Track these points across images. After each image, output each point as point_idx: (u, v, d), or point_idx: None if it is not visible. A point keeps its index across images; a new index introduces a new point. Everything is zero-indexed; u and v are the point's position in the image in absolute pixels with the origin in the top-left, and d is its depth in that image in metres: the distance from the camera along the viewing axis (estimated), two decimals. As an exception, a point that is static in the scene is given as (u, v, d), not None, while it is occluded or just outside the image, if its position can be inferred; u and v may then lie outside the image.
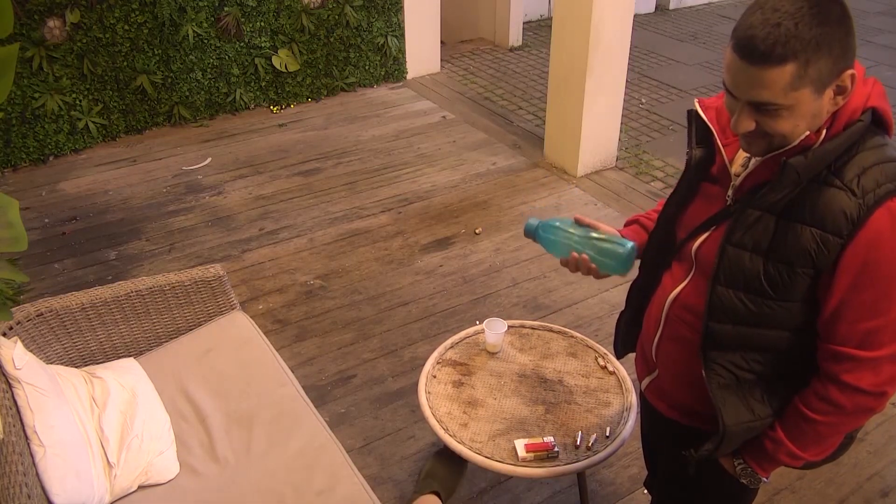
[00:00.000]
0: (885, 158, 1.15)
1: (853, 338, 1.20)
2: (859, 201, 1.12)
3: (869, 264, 1.14)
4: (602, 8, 3.78)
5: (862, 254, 1.13)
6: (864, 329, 1.18)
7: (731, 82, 1.14)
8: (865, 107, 1.16)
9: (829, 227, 1.14)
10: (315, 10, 4.90)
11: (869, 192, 1.12)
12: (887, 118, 1.18)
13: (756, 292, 1.24)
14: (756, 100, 1.12)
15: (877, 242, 1.13)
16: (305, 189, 4.10)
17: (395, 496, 2.32)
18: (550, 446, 1.82)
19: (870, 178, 1.13)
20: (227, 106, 4.91)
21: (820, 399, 1.25)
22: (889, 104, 1.19)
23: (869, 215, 1.12)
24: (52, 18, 4.06)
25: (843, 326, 1.20)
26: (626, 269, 1.45)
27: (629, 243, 1.45)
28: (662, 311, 1.42)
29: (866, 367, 1.20)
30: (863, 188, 1.13)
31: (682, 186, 1.39)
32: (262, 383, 2.12)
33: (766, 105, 1.11)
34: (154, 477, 1.84)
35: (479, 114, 5.09)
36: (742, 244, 1.23)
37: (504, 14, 6.32)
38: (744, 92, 1.13)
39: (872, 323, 1.18)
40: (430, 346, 2.86)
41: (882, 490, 2.38)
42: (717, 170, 1.33)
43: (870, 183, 1.13)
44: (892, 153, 1.17)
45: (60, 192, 4.04)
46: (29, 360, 1.74)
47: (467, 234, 3.70)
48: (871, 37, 6.91)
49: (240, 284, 3.30)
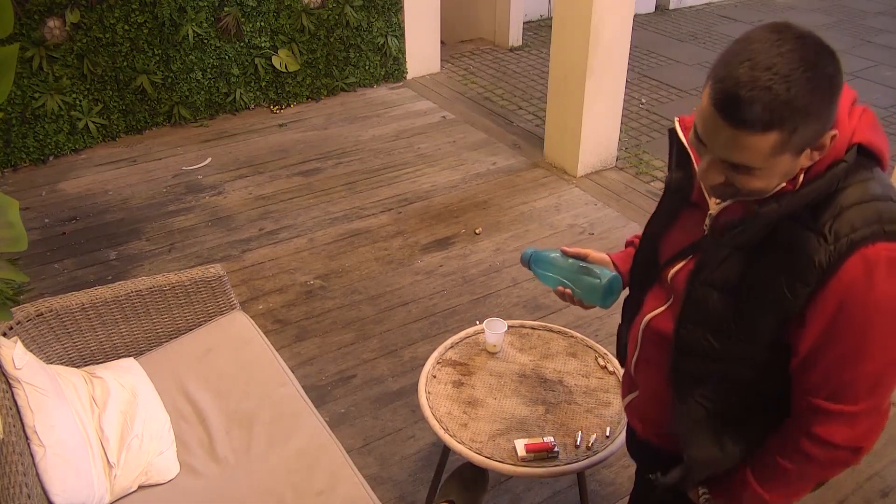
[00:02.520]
0: (867, 197, 1.05)
1: (825, 389, 1.11)
2: (830, 248, 1.03)
3: (841, 315, 1.05)
4: (602, 8, 3.78)
5: (833, 304, 1.04)
6: (836, 381, 1.10)
7: (704, 133, 1.04)
8: (850, 143, 1.06)
9: (798, 273, 1.05)
10: (315, 10, 4.90)
11: (842, 238, 1.03)
12: (877, 152, 1.08)
13: (723, 332, 1.16)
14: (730, 160, 1.03)
15: (849, 293, 1.03)
16: (305, 189, 4.10)
17: (395, 496, 2.32)
18: (550, 446, 1.82)
19: (845, 221, 1.03)
20: (227, 106, 4.92)
21: (792, 447, 1.17)
22: (881, 134, 1.10)
23: (840, 263, 1.03)
24: (52, 18, 4.06)
25: (815, 376, 1.11)
26: (607, 302, 1.42)
27: (607, 276, 1.40)
28: (639, 332, 1.36)
29: (839, 420, 1.11)
30: (835, 233, 1.03)
31: (663, 207, 1.32)
32: (262, 383, 2.12)
33: (741, 166, 1.02)
34: (154, 477, 1.84)
35: (479, 114, 5.09)
36: (710, 282, 1.16)
37: (504, 14, 6.32)
38: (717, 150, 1.03)
39: (846, 376, 1.09)
40: (430, 346, 2.86)
41: (882, 490, 2.37)
42: (696, 195, 1.25)
43: (844, 227, 1.03)
44: (877, 190, 1.06)
45: (60, 192, 4.04)
46: (29, 360, 1.75)
47: (467, 234, 3.70)
48: (871, 37, 6.91)
49: (240, 284, 3.30)
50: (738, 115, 0.96)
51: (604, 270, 1.43)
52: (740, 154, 1.00)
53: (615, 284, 1.42)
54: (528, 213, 3.89)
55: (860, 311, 1.04)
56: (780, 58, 0.94)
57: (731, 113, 0.97)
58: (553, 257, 1.53)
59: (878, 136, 1.09)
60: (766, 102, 0.94)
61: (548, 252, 1.55)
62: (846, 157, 1.05)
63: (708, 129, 1.02)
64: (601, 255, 1.51)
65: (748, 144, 0.98)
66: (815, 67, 0.95)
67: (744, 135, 0.97)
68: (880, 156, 1.08)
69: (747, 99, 0.95)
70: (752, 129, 0.96)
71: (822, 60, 0.96)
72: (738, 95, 0.95)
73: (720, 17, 7.48)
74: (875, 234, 1.02)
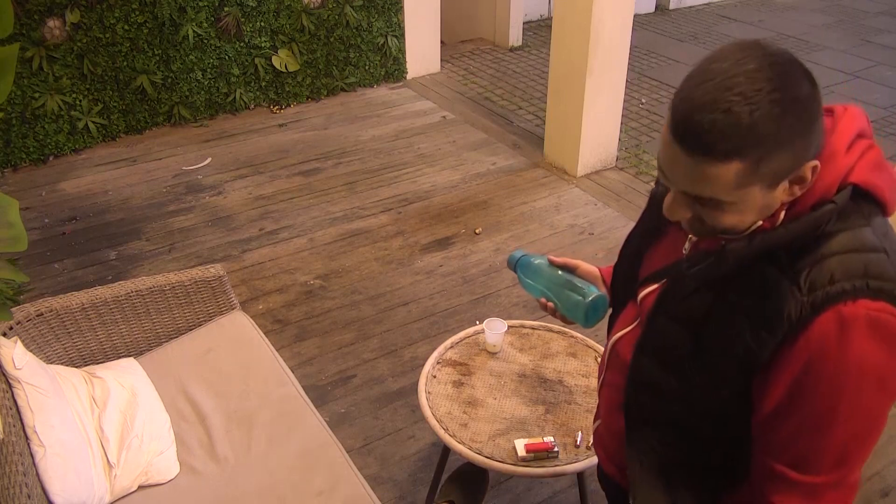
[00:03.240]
0: (855, 246, 0.91)
1: (787, 455, 0.98)
2: (803, 299, 0.90)
3: (807, 378, 0.92)
4: (602, 8, 3.78)
5: (799, 364, 0.92)
6: (800, 448, 0.97)
7: (664, 163, 0.93)
8: (844, 182, 0.93)
9: (765, 323, 0.93)
10: (315, 10, 4.90)
11: (818, 290, 0.90)
12: (878, 195, 0.94)
13: (680, 371, 1.05)
14: (693, 193, 0.92)
15: (818, 353, 0.91)
16: (305, 189, 4.10)
17: (395, 496, 2.32)
18: (550, 446, 1.82)
19: (824, 271, 0.90)
20: (227, 106, 4.91)
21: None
22: (888, 176, 0.96)
23: (812, 319, 0.90)
24: (52, 18, 4.06)
25: (777, 440, 0.98)
26: (589, 322, 1.31)
27: (591, 295, 1.29)
28: (607, 352, 1.26)
29: (800, 492, 0.98)
30: (811, 284, 0.91)
31: (644, 220, 1.22)
32: (262, 383, 2.12)
33: (706, 199, 0.91)
34: (154, 477, 1.84)
35: (479, 114, 5.09)
36: (672, 314, 1.06)
37: (504, 14, 6.32)
38: (679, 182, 0.92)
39: (810, 443, 0.96)
40: (430, 346, 2.86)
41: (882, 490, 2.37)
42: None
43: (822, 278, 0.90)
44: (869, 239, 0.92)
45: (60, 192, 4.04)
46: (29, 360, 1.74)
47: (467, 234, 3.70)
48: (871, 37, 6.91)
49: (240, 284, 3.30)
50: (696, 141, 0.86)
51: (590, 288, 1.32)
52: (703, 186, 0.89)
53: (600, 304, 1.30)
54: (528, 213, 3.89)
55: (829, 376, 0.91)
56: (744, 77, 0.83)
57: (689, 140, 0.86)
58: (539, 265, 1.42)
59: (881, 177, 0.95)
60: (725, 127, 0.83)
61: (535, 258, 1.44)
62: (836, 197, 0.92)
63: (668, 159, 0.91)
64: (591, 269, 1.40)
65: (710, 175, 0.87)
66: (784, 89, 0.84)
67: (704, 164, 0.87)
68: (882, 200, 0.95)
69: (705, 123, 0.84)
70: (711, 157, 0.86)
71: (792, 81, 0.85)
72: (696, 120, 0.85)
73: (720, 17, 7.47)
74: (857, 289, 0.89)
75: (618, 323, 1.25)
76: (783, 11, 7.66)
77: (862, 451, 0.97)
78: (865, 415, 0.94)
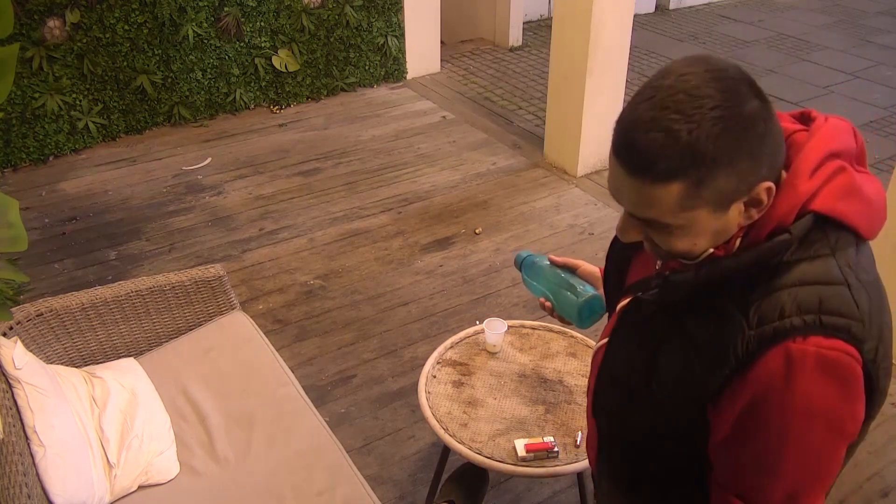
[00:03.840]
0: (810, 278, 0.86)
1: (737, 487, 0.95)
2: (750, 334, 0.86)
3: (753, 414, 0.89)
4: (602, 8, 3.79)
5: (745, 400, 0.88)
6: (748, 483, 0.93)
7: (611, 187, 0.90)
8: (804, 210, 0.87)
9: (710, 356, 0.90)
10: (315, 10, 4.90)
11: (766, 325, 0.86)
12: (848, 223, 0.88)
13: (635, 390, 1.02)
14: (639, 216, 0.89)
15: (764, 391, 0.87)
16: (305, 189, 4.10)
17: (395, 496, 2.32)
18: (550, 446, 1.82)
19: (774, 305, 0.86)
20: (227, 106, 4.91)
21: None
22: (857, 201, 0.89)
23: (759, 354, 0.86)
24: (52, 18, 4.06)
25: (728, 469, 0.95)
26: (584, 322, 1.30)
27: (586, 295, 1.28)
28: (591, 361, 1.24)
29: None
30: (759, 318, 0.86)
31: None
32: (262, 383, 2.12)
33: (653, 221, 0.88)
34: (154, 477, 1.85)
35: (479, 114, 5.09)
36: (630, 335, 1.05)
37: (504, 14, 6.32)
38: (625, 203, 0.90)
39: (758, 480, 0.92)
40: (430, 346, 2.86)
41: (882, 490, 2.37)
42: None
43: (771, 312, 0.86)
44: (829, 271, 0.87)
45: (60, 192, 4.04)
46: (29, 360, 1.75)
47: (467, 234, 3.70)
48: (872, 37, 6.91)
49: (240, 284, 3.30)
50: (635, 162, 0.83)
51: (586, 288, 1.31)
52: (647, 208, 0.86)
53: (595, 304, 1.29)
54: (528, 213, 3.89)
55: (775, 415, 0.87)
56: (684, 95, 0.80)
57: (628, 160, 0.84)
58: (541, 265, 1.42)
59: (850, 204, 0.89)
60: (663, 147, 0.80)
61: (540, 258, 1.44)
62: (792, 227, 0.87)
63: (613, 180, 0.88)
64: (592, 269, 1.37)
65: (652, 197, 0.84)
66: (728, 107, 0.80)
67: (645, 186, 0.84)
68: (852, 228, 0.89)
69: (642, 144, 0.81)
70: (650, 178, 0.83)
71: (737, 98, 0.81)
72: (633, 140, 0.82)
73: (720, 17, 7.47)
74: (808, 326, 0.84)
75: (602, 331, 1.23)
76: (783, 11, 7.66)
77: (814, 491, 0.93)
78: (815, 456, 0.90)
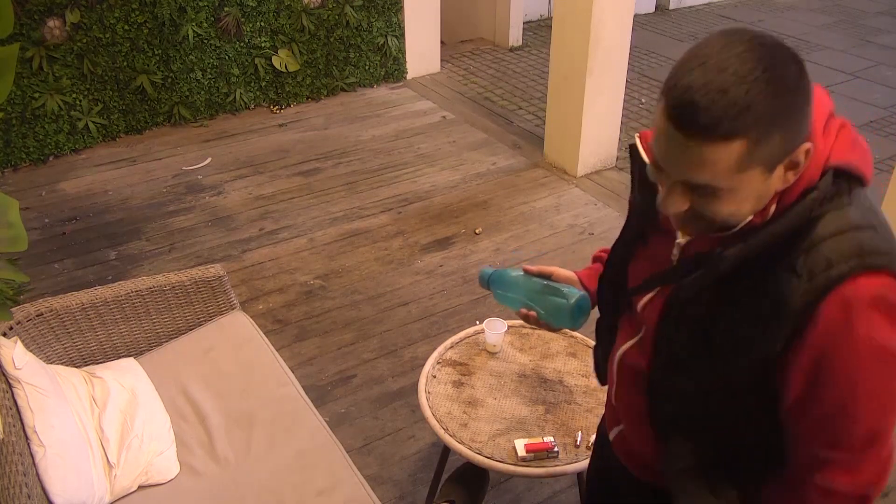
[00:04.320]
0: (844, 227, 0.92)
1: (819, 438, 1.00)
2: (805, 287, 0.91)
3: (824, 364, 0.93)
4: (602, 8, 3.78)
5: (812, 355, 0.93)
6: (830, 431, 0.98)
7: (662, 155, 0.92)
8: (826, 167, 0.94)
9: (771, 317, 0.94)
10: (315, 10, 4.90)
11: (817, 276, 0.91)
12: (857, 173, 0.96)
13: (697, 375, 1.06)
14: (691, 181, 0.91)
15: (830, 340, 0.92)
16: (305, 189, 4.10)
17: (395, 496, 2.32)
18: (550, 446, 1.82)
19: (820, 256, 0.91)
20: (227, 106, 4.91)
21: (793, 498, 1.05)
22: (861, 150, 0.98)
23: (816, 306, 0.91)
24: (52, 18, 4.06)
25: (807, 426, 1.00)
26: (577, 322, 1.31)
27: (575, 296, 1.30)
28: (615, 365, 1.26)
29: (840, 466, 1.00)
30: (809, 271, 0.91)
31: (630, 229, 1.23)
32: (262, 383, 2.12)
33: (705, 187, 0.91)
34: (154, 477, 1.85)
35: (479, 114, 5.09)
36: (678, 321, 1.06)
37: (504, 14, 6.32)
38: (678, 170, 0.92)
39: (839, 426, 0.98)
40: (430, 346, 2.86)
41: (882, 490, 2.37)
42: (664, 220, 1.10)
43: (819, 263, 0.91)
44: (855, 218, 0.93)
45: (60, 192, 4.04)
46: (29, 360, 1.75)
47: (467, 234, 3.70)
48: (872, 37, 6.91)
49: (240, 284, 3.30)
50: (695, 122, 0.85)
51: (571, 289, 1.32)
52: (701, 171, 0.89)
53: (584, 304, 1.31)
54: (528, 213, 3.89)
55: (843, 363, 0.92)
56: (736, 59, 0.84)
57: (687, 121, 0.86)
58: (515, 276, 1.41)
59: (856, 153, 0.97)
60: (724, 106, 0.84)
61: (509, 271, 1.44)
62: (820, 184, 0.93)
63: (664, 148, 0.91)
64: (567, 273, 1.39)
65: (709, 158, 0.87)
66: (775, 69, 0.85)
67: (703, 146, 0.86)
68: (860, 176, 0.96)
69: (703, 104, 0.84)
70: (711, 137, 0.85)
71: (781, 62, 0.86)
72: (693, 101, 0.85)
73: (720, 17, 7.47)
74: (854, 268, 0.90)
75: (619, 336, 1.25)
76: (783, 11, 7.66)
77: (891, 423, 0.99)
78: (887, 391, 0.95)
